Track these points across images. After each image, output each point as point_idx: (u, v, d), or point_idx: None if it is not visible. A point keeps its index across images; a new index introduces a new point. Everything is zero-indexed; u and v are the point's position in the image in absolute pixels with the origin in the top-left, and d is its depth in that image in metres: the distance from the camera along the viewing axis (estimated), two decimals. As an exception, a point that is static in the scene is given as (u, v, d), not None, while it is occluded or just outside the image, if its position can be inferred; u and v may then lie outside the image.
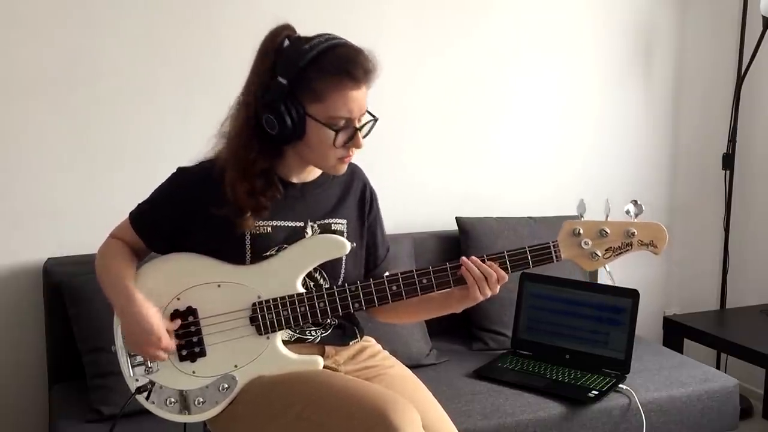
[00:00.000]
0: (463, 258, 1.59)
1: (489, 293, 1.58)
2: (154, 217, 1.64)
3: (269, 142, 1.55)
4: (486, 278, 1.57)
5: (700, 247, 3.37)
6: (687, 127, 3.33)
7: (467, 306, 1.63)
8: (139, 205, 1.67)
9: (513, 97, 3.03)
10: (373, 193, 1.77)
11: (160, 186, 1.65)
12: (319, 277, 1.64)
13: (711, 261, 3.38)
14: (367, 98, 1.56)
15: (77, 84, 2.44)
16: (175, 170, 1.64)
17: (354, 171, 1.75)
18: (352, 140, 1.56)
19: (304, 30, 1.59)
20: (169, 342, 1.54)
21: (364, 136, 1.58)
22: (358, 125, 1.55)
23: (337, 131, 1.52)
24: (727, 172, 3.24)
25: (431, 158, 2.94)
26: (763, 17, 2.97)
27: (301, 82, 1.50)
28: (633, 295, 2.47)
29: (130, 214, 1.67)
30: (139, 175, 2.47)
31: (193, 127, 2.46)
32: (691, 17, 3.25)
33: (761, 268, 3.25)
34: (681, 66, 3.28)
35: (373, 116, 1.58)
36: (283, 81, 1.50)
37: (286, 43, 1.53)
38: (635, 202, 1.60)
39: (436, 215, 2.91)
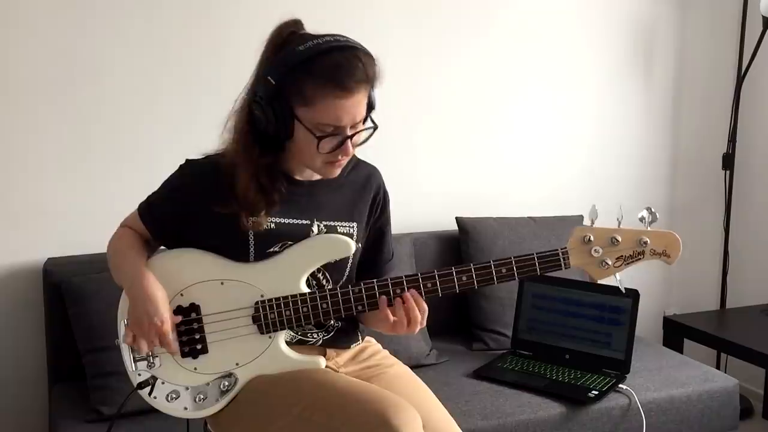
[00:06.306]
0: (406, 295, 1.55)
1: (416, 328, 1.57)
2: (160, 210, 1.63)
3: (268, 139, 1.53)
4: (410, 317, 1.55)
5: (700, 247, 3.37)
6: (687, 127, 3.33)
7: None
8: (148, 197, 1.67)
9: (513, 97, 3.03)
10: (385, 197, 1.74)
11: (168, 178, 1.64)
12: (321, 278, 1.63)
13: (711, 261, 3.38)
14: (363, 105, 1.49)
15: (77, 84, 2.44)
16: (183, 162, 1.63)
17: (372, 174, 1.72)
18: (341, 148, 1.50)
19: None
20: (170, 329, 1.53)
21: (360, 144, 1.53)
22: (350, 132, 1.50)
23: (320, 138, 1.48)
24: (727, 172, 3.25)
25: (431, 158, 2.94)
26: (763, 17, 2.97)
27: (290, 84, 1.46)
28: (633, 295, 2.47)
29: (139, 205, 1.67)
30: (139, 175, 2.47)
31: (193, 128, 2.46)
32: (691, 17, 3.25)
33: (761, 268, 3.25)
34: (681, 66, 3.28)
35: (374, 124, 1.53)
36: (272, 80, 1.47)
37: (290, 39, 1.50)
38: (649, 210, 1.53)
39: (436, 215, 2.91)
